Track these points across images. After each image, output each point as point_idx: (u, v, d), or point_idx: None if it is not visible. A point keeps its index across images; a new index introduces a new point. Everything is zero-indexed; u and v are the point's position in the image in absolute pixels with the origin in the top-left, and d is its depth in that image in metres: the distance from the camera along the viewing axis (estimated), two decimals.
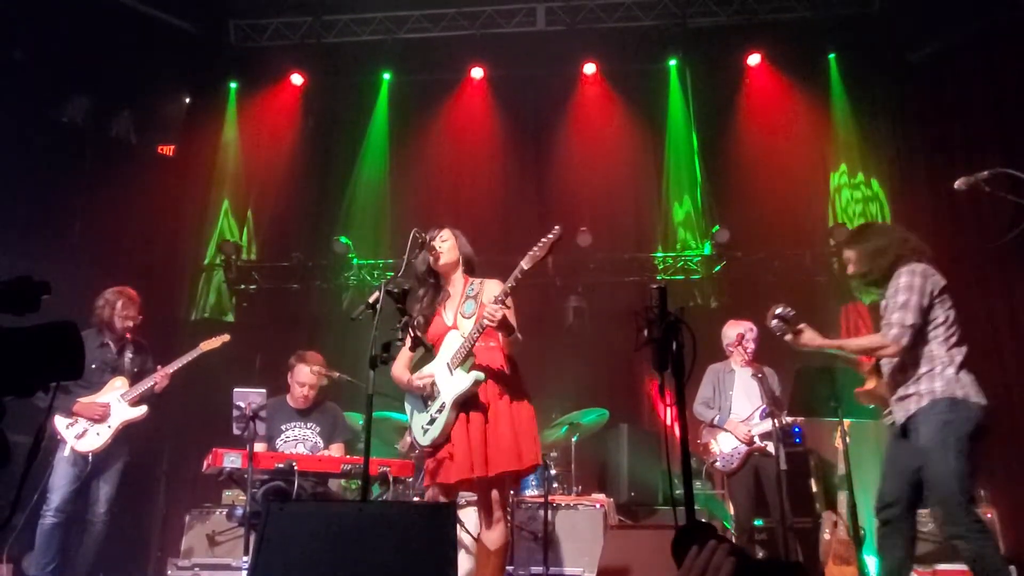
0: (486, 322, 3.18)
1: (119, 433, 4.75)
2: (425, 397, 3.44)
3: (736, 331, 5.24)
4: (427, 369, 3.45)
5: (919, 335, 3.20)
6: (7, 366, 1.13)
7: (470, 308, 3.47)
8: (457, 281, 3.60)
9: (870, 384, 3.56)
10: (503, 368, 3.42)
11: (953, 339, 3.22)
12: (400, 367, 3.55)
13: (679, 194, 7.86)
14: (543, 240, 3.22)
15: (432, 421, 3.36)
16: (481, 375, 3.28)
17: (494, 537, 3.31)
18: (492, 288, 3.48)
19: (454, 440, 3.31)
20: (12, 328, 1.20)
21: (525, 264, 3.18)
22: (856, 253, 3.48)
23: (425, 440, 3.38)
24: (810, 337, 3.25)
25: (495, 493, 3.31)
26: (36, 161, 6.74)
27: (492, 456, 3.25)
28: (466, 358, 3.31)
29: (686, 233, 7.77)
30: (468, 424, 3.31)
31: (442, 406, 3.33)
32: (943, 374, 3.16)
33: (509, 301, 3.32)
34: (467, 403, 3.32)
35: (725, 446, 5.09)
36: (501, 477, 3.29)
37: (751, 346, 5.17)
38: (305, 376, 4.80)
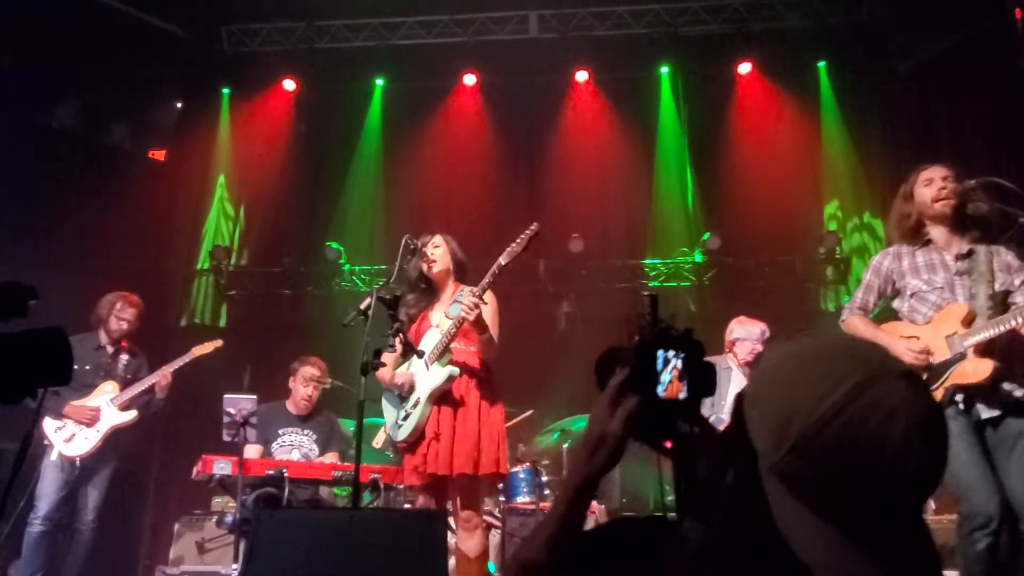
0: (462, 314, 3.21)
1: (108, 438, 4.73)
2: (402, 393, 3.46)
3: (752, 330, 4.99)
4: (407, 367, 3.48)
5: None
6: None
7: (455, 311, 3.50)
8: (448, 287, 3.64)
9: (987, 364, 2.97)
10: (478, 370, 3.46)
11: None
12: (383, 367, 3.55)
13: (670, 201, 7.88)
14: (521, 236, 3.28)
15: (407, 416, 3.38)
16: (456, 370, 3.32)
17: (473, 544, 3.31)
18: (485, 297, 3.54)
19: (427, 436, 3.32)
20: None
21: (503, 260, 3.26)
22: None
23: (400, 435, 3.40)
24: None
25: (471, 496, 3.31)
26: (26, 167, 6.70)
27: (455, 456, 3.26)
28: (443, 353, 3.35)
29: (677, 240, 7.79)
30: (439, 420, 3.33)
31: (417, 401, 3.36)
32: None
33: (488, 298, 3.40)
34: (441, 399, 3.35)
35: None
36: (470, 480, 3.28)
37: (759, 348, 5.02)
38: (310, 373, 4.77)
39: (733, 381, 5.10)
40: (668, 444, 1.16)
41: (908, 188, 3.33)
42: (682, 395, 1.12)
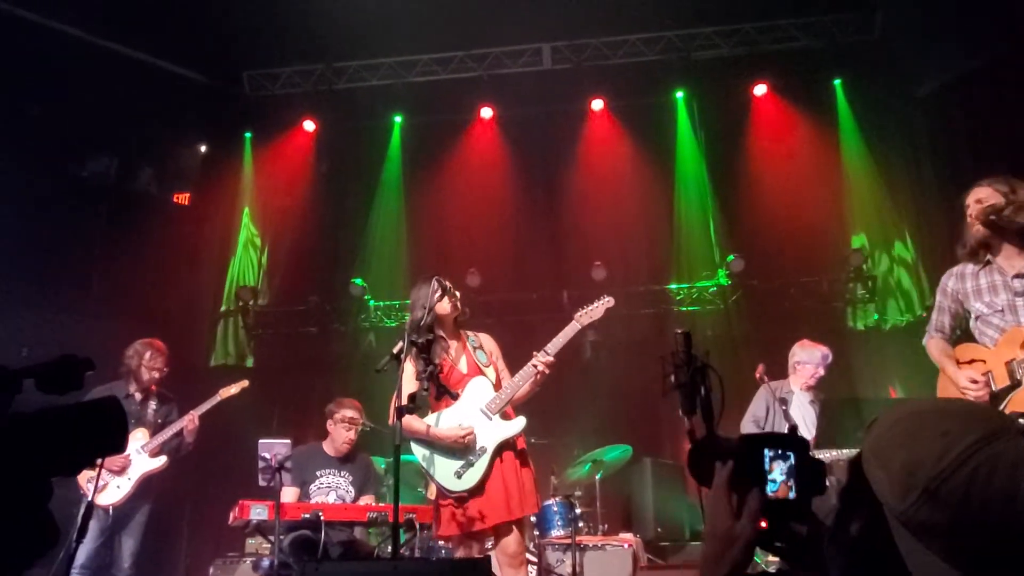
0: (541, 367, 3.38)
1: (140, 484, 4.76)
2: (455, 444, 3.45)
3: (814, 353, 4.96)
4: (448, 416, 3.46)
5: None
6: (56, 447, 1.14)
7: (483, 358, 3.56)
8: (452, 330, 3.66)
9: None
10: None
11: None
12: (408, 417, 3.55)
13: (692, 225, 7.87)
14: (598, 303, 3.40)
15: (470, 465, 3.37)
16: (524, 420, 3.38)
17: None
18: (488, 340, 3.75)
19: (489, 485, 3.35)
20: (57, 407, 1.21)
21: (579, 323, 3.35)
22: None
23: (461, 485, 3.38)
24: None
25: (519, 535, 3.36)
26: (55, 214, 6.85)
27: (523, 499, 3.37)
28: (505, 405, 3.46)
29: (700, 264, 7.76)
30: (503, 467, 3.39)
31: (482, 450, 3.37)
32: None
33: (491, 342, 3.68)
34: (501, 447, 3.41)
35: None
36: (525, 519, 3.45)
37: (821, 372, 4.97)
38: (349, 416, 4.74)
39: (794, 404, 5.00)
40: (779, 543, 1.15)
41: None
42: (791, 495, 1.10)
